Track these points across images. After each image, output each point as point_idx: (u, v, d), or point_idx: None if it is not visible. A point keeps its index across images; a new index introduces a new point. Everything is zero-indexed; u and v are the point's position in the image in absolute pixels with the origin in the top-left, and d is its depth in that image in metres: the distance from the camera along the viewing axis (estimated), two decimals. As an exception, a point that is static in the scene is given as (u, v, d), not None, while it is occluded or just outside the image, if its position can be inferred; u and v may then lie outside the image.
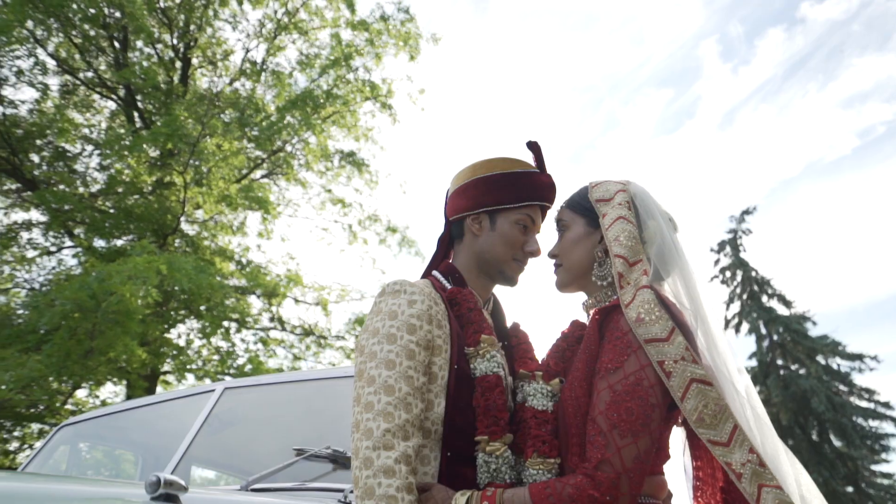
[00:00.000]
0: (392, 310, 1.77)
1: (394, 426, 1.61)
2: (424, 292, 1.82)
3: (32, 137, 12.65)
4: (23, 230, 13.12)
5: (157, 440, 3.65)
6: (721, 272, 27.46)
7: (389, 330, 1.74)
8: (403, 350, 1.71)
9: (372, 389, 1.67)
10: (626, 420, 1.63)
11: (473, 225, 1.99)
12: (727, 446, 1.63)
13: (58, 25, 12.32)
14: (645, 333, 1.69)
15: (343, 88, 13.52)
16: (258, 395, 3.41)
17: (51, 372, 7.69)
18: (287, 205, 15.11)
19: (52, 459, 3.63)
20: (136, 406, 3.65)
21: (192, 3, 13.91)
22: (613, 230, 1.88)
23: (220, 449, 3.42)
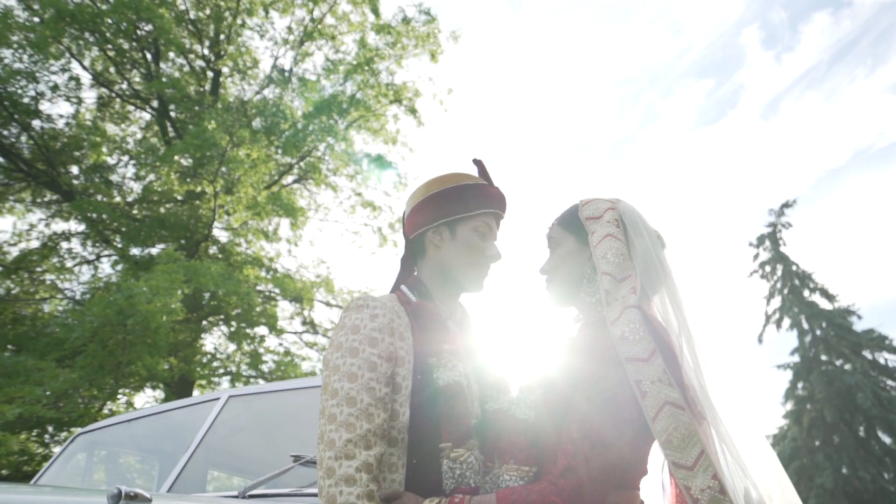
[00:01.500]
0: (355, 324, 1.84)
1: (355, 436, 1.67)
2: (387, 306, 1.89)
3: (70, 150, 13.05)
4: (62, 240, 13.54)
5: (169, 446, 3.76)
6: (761, 267, 27.00)
7: (352, 344, 1.80)
8: (365, 363, 1.77)
9: (335, 402, 1.73)
10: (597, 431, 1.66)
11: (434, 238, 2.05)
12: (691, 470, 1.65)
13: (93, 40, 12.68)
14: (627, 352, 1.72)
15: (366, 93, 13.63)
16: (261, 402, 3.49)
17: (83, 383, 7.93)
18: (318, 209, 15.31)
19: (68, 467, 3.76)
20: (147, 414, 3.75)
21: (221, 14, 14.18)
22: (601, 248, 1.92)
23: (224, 455, 3.51)
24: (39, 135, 12.26)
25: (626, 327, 1.75)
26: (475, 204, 2.03)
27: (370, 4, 14.06)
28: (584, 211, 2.02)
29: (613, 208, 1.99)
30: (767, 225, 27.20)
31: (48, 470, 3.67)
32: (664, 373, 1.69)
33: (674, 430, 1.66)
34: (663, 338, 1.79)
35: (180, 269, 8.22)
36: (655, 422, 1.67)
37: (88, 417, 9.77)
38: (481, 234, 2.04)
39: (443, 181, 2.07)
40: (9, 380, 7.83)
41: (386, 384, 1.77)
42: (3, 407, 7.19)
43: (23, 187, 13.68)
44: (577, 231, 2.00)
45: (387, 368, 1.79)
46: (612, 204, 2.00)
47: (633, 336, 1.74)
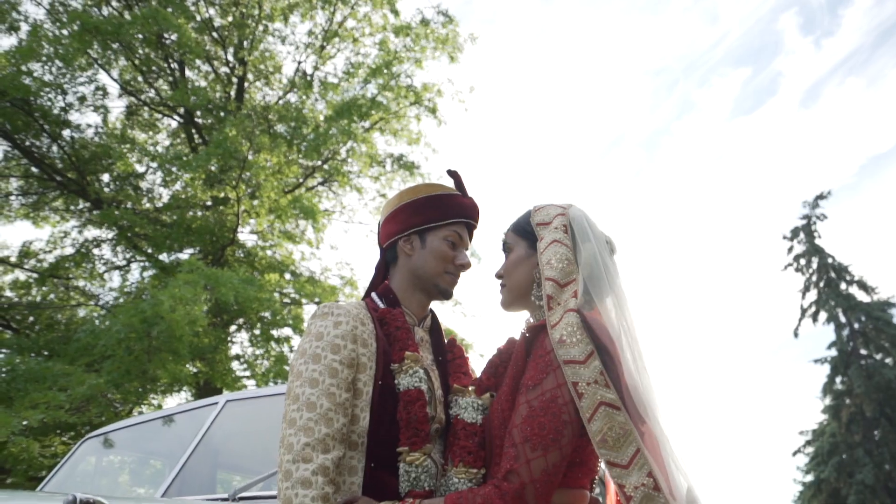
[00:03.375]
0: (319, 331, 1.89)
1: (313, 440, 1.71)
2: (351, 314, 1.94)
3: (99, 159, 13.34)
4: (94, 247, 13.86)
5: (173, 449, 3.84)
6: (795, 260, 26.58)
7: (315, 350, 1.85)
8: (326, 369, 1.81)
9: (296, 406, 1.78)
10: (537, 434, 1.71)
11: (405, 246, 2.10)
12: (626, 468, 1.69)
13: (120, 50, 12.96)
14: (564, 354, 1.76)
15: (386, 95, 13.71)
16: (257, 406, 3.56)
17: (110, 388, 8.13)
18: (343, 211, 15.44)
19: (77, 470, 3.87)
20: (152, 418, 3.85)
21: (243, 21, 14.37)
22: (547, 254, 1.97)
23: (223, 458, 3.58)
24: (69, 144, 12.56)
25: (564, 330, 1.80)
26: (445, 213, 2.09)
27: (390, 6, 14.14)
28: (536, 217, 2.07)
29: (563, 214, 2.03)
30: (801, 217, 26.76)
31: (56, 474, 3.79)
32: (601, 374, 1.73)
33: (609, 429, 1.69)
34: (603, 341, 1.81)
35: (201, 277, 8.37)
36: (591, 422, 1.71)
37: (117, 421, 10.01)
38: (451, 243, 2.09)
39: (415, 191, 2.13)
40: (35, 385, 8.05)
41: (346, 389, 1.82)
42: (26, 413, 7.38)
43: (56, 196, 14.03)
44: (527, 236, 2.06)
45: (348, 374, 1.83)
46: (562, 210, 2.05)
47: (571, 339, 1.78)
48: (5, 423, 6.98)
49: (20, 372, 8.18)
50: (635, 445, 1.69)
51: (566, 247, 1.95)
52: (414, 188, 2.15)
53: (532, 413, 1.72)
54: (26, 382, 8.10)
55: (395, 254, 2.13)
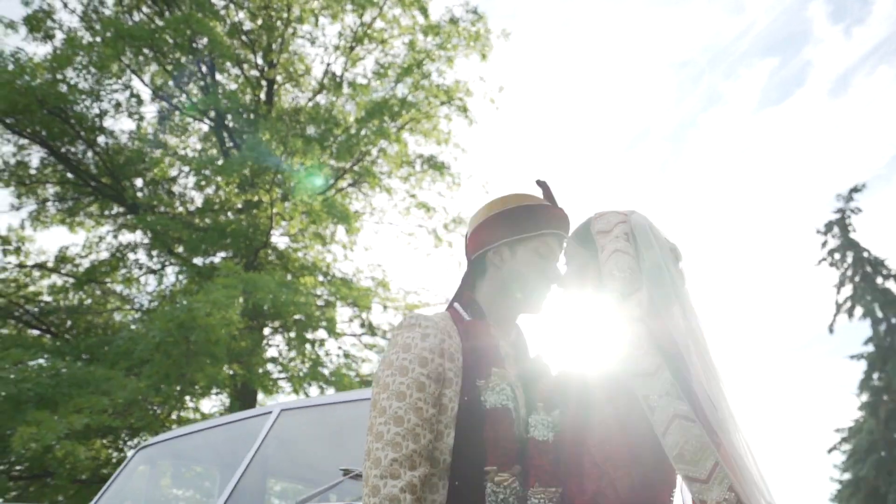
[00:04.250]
0: (406, 343, 1.85)
1: (401, 456, 1.69)
2: (438, 326, 1.89)
3: (133, 164, 13.50)
4: (129, 251, 14.03)
5: (225, 459, 3.85)
6: (829, 254, 26.13)
7: (402, 362, 1.81)
8: (414, 382, 1.78)
9: (383, 420, 1.75)
10: (618, 452, 1.66)
11: (495, 258, 2.04)
12: (705, 483, 1.63)
13: (151, 55, 13.10)
14: (633, 367, 1.71)
15: (418, 95, 13.70)
16: (312, 415, 3.54)
17: (150, 392, 8.22)
18: (373, 212, 15.46)
19: (132, 479, 3.89)
20: (204, 428, 3.86)
21: (273, 24, 14.44)
22: (608, 265, 1.91)
23: (278, 468, 3.58)
24: (104, 150, 12.71)
25: (630, 343, 1.75)
26: (536, 225, 2.03)
27: (418, 6, 14.12)
28: (596, 224, 2.01)
29: (625, 221, 1.97)
30: (835, 211, 26.30)
31: (113, 483, 3.81)
32: (672, 386, 1.68)
33: (685, 443, 1.63)
34: (670, 351, 1.76)
35: (239, 282, 8.42)
36: (666, 436, 1.65)
37: (157, 424, 10.11)
38: (542, 255, 2.03)
39: (505, 201, 2.07)
40: (79, 389, 8.15)
41: (433, 405, 1.79)
42: (71, 417, 7.48)
43: (91, 201, 14.23)
44: (588, 245, 2.01)
45: (435, 389, 1.80)
46: (623, 217, 1.99)
47: (638, 351, 1.73)
48: (52, 427, 7.07)
49: (63, 377, 8.30)
50: (713, 459, 1.63)
51: (629, 255, 1.90)
52: (503, 198, 2.09)
53: (609, 430, 1.68)
54: (69, 387, 8.21)
55: (484, 265, 2.06)
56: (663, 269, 1.88)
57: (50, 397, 7.99)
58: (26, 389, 7.87)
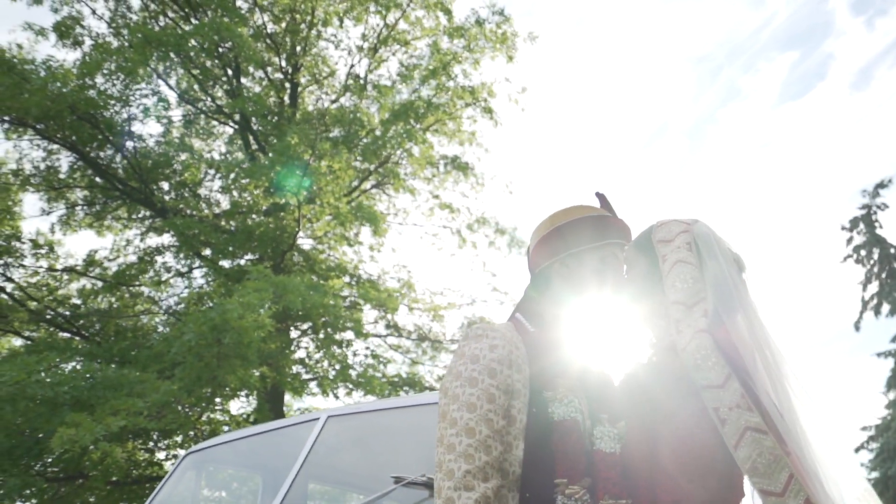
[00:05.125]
0: (474, 354, 1.85)
1: (474, 468, 1.69)
2: (506, 337, 1.89)
3: (160, 167, 13.63)
4: (157, 254, 14.17)
5: (273, 464, 3.89)
6: (854, 251, 25.80)
7: (471, 374, 1.82)
8: (484, 394, 1.78)
9: (454, 431, 1.75)
10: (691, 464, 1.66)
11: (560, 269, 2.06)
12: (781, 496, 1.61)
13: (178, 60, 13.21)
14: (701, 379, 1.71)
15: (443, 97, 13.71)
16: (360, 422, 3.56)
17: (183, 394, 8.31)
18: (397, 213, 15.50)
19: (181, 484, 3.94)
20: (250, 434, 3.89)
21: (296, 27, 14.51)
22: (671, 276, 1.90)
23: (326, 475, 3.60)
24: (132, 154, 12.84)
25: (697, 354, 1.73)
26: (600, 235, 2.04)
27: (442, 7, 14.12)
28: (657, 233, 2.01)
29: (687, 231, 1.96)
30: (861, 207, 25.97)
31: (162, 489, 3.86)
32: (742, 397, 1.66)
33: (758, 456, 1.62)
34: (737, 362, 1.74)
35: (269, 285, 8.49)
36: (738, 449, 1.64)
37: (188, 426, 10.21)
38: (607, 265, 2.04)
39: (568, 213, 2.09)
40: (114, 392, 8.25)
41: (503, 416, 1.79)
42: (108, 419, 7.57)
43: (118, 205, 14.38)
44: (648, 253, 2.00)
45: (504, 401, 1.80)
46: (686, 226, 1.98)
47: (706, 363, 1.72)
48: (90, 429, 7.17)
49: (98, 379, 8.40)
50: (787, 471, 1.62)
51: (692, 265, 1.89)
52: (566, 211, 2.11)
53: (680, 443, 1.68)
54: (104, 389, 8.31)
55: (549, 277, 2.08)
56: (727, 279, 1.87)
57: (85, 400, 8.10)
58: (62, 392, 7.98)
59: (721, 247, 1.94)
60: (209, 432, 11.25)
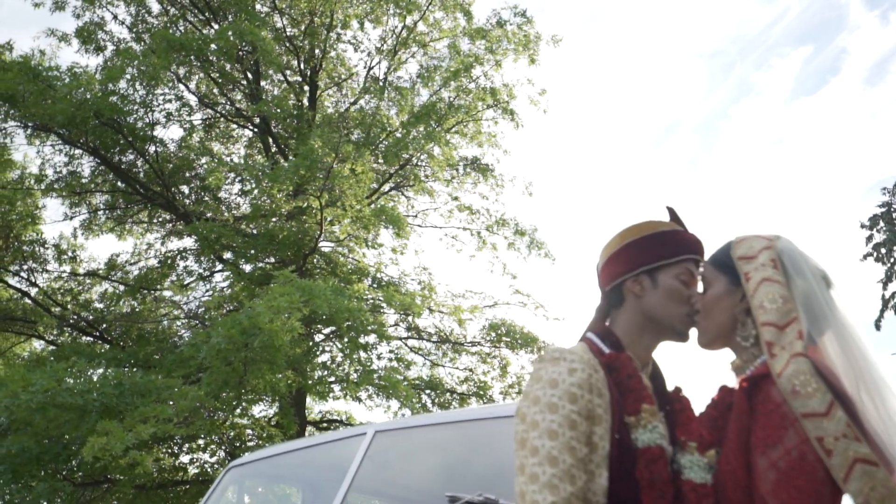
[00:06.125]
0: (552, 378, 1.78)
1: (560, 499, 1.63)
2: (584, 360, 1.82)
3: (181, 171, 13.68)
4: (179, 258, 14.21)
5: (317, 480, 3.85)
6: (875, 249, 25.54)
7: (551, 399, 1.75)
8: (566, 420, 1.72)
9: (536, 460, 1.69)
10: (796, 499, 1.58)
11: (634, 287, 1.98)
12: None
13: (198, 65, 13.24)
14: (801, 407, 1.61)
15: (464, 98, 13.65)
16: (409, 437, 3.51)
17: (209, 399, 8.30)
18: (416, 216, 15.46)
19: (223, 499, 3.90)
20: (295, 448, 3.86)
21: (315, 29, 14.51)
22: (759, 295, 1.82)
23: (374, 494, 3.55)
24: (154, 159, 12.88)
25: (795, 379, 1.64)
26: (676, 250, 1.98)
27: (461, 9, 14.07)
28: (738, 250, 1.92)
29: (770, 247, 1.88)
30: (880, 205, 25.70)
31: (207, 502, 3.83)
32: (848, 426, 1.57)
33: (871, 490, 1.53)
34: (838, 387, 1.65)
35: (296, 289, 8.47)
36: (848, 483, 1.54)
37: (214, 430, 10.22)
38: (683, 281, 1.97)
39: (639, 229, 2.04)
40: (142, 399, 8.25)
41: (585, 444, 1.72)
42: (138, 427, 7.57)
43: (140, 209, 14.45)
44: (728, 271, 1.92)
45: (586, 427, 1.73)
46: (768, 242, 1.89)
47: (806, 389, 1.62)
48: (120, 437, 7.17)
49: (126, 386, 8.41)
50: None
51: (779, 284, 1.80)
52: (637, 226, 2.06)
53: (782, 476, 1.59)
54: (133, 396, 8.32)
55: (621, 295, 2.01)
56: (817, 297, 1.79)
57: (114, 406, 8.10)
58: (91, 400, 7.99)
59: (808, 263, 1.86)
60: (233, 436, 11.27)
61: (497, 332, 13.37)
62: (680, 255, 1.97)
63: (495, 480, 3.19)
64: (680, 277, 1.96)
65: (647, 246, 1.99)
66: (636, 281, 1.98)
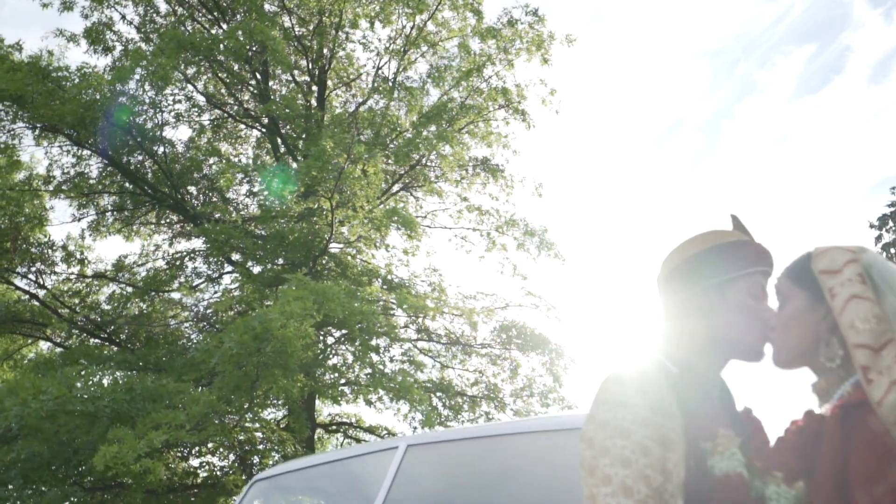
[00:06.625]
0: (622, 400, 1.67)
1: None
2: (654, 380, 1.71)
3: (189, 172, 13.56)
4: (187, 259, 14.11)
5: (345, 495, 3.74)
6: (884, 249, 25.43)
7: (621, 423, 1.63)
8: (638, 447, 1.60)
9: (609, 490, 1.58)
10: None
11: (701, 301, 1.85)
12: None
13: (206, 65, 13.13)
14: None
15: (476, 99, 13.54)
16: (443, 452, 3.40)
17: (221, 404, 8.19)
18: (425, 216, 15.34)
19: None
20: (323, 462, 3.74)
21: (324, 29, 14.39)
22: (848, 314, 1.68)
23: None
24: (163, 159, 12.77)
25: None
26: (746, 262, 1.84)
27: (471, 8, 13.95)
28: (819, 263, 1.78)
29: (855, 260, 1.73)
30: (889, 204, 25.57)
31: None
32: None
33: None
34: None
35: (310, 293, 8.35)
36: None
37: (225, 434, 10.10)
38: (755, 296, 1.83)
39: (704, 239, 1.89)
40: (154, 405, 8.14)
41: (660, 472, 1.60)
42: (150, 434, 7.45)
43: (147, 210, 14.34)
44: (809, 286, 1.77)
45: (660, 454, 1.60)
46: (853, 255, 1.75)
47: None
48: (132, 445, 7.05)
49: (137, 391, 8.30)
50: None
51: (869, 301, 1.66)
52: (702, 236, 1.91)
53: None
54: (144, 402, 8.21)
55: (686, 311, 1.88)
56: None
57: (125, 412, 7.99)
58: (102, 406, 7.87)
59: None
60: (244, 440, 11.17)
61: (508, 334, 13.25)
62: (750, 268, 1.83)
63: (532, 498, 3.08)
64: (751, 291, 1.82)
65: (714, 258, 1.84)
66: (703, 295, 1.84)
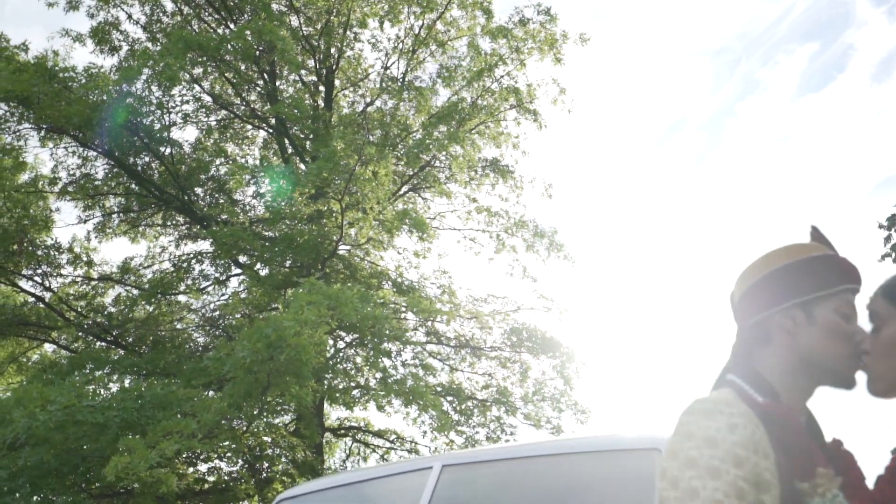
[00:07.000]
0: (710, 435, 1.49)
1: None
2: (744, 412, 1.54)
3: (196, 173, 13.41)
4: (194, 261, 13.95)
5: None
6: (893, 249, 25.25)
7: (710, 462, 1.46)
8: (732, 488, 1.43)
9: None
10: None
11: (785, 322, 1.68)
12: None
13: (213, 65, 12.97)
14: None
15: (487, 98, 13.38)
16: (480, 472, 3.24)
17: (233, 411, 8.03)
18: (434, 217, 15.19)
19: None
20: (352, 481, 3.59)
21: (332, 28, 14.23)
22: None
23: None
24: (169, 161, 12.61)
25: None
26: (833, 279, 1.68)
27: (481, 7, 13.78)
28: None
29: None
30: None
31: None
32: None
33: None
34: None
35: (323, 297, 8.18)
36: None
37: (234, 439, 9.95)
38: (845, 315, 1.66)
39: (787, 253, 1.74)
40: (164, 412, 7.98)
41: None
42: (162, 444, 7.28)
43: (154, 212, 14.19)
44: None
45: (754, 497, 1.44)
46: None
47: None
48: (144, 455, 6.89)
49: (147, 399, 8.14)
50: None
51: None
52: (785, 250, 1.76)
53: None
54: (154, 409, 8.05)
55: (768, 332, 1.71)
56: None
57: (135, 421, 7.83)
58: (112, 416, 7.70)
59: None
60: (253, 445, 11.01)
61: (518, 337, 13.09)
62: (839, 285, 1.67)
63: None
64: (840, 311, 1.66)
65: (799, 273, 1.69)
66: (787, 315, 1.68)
